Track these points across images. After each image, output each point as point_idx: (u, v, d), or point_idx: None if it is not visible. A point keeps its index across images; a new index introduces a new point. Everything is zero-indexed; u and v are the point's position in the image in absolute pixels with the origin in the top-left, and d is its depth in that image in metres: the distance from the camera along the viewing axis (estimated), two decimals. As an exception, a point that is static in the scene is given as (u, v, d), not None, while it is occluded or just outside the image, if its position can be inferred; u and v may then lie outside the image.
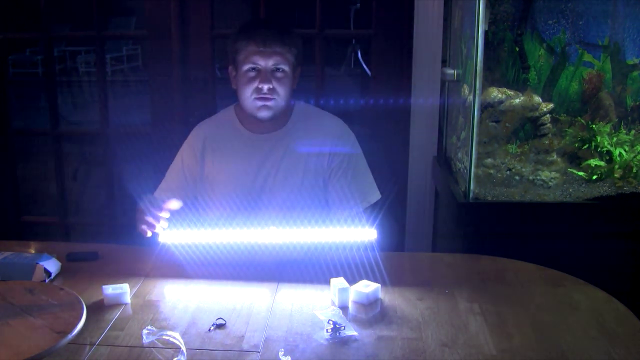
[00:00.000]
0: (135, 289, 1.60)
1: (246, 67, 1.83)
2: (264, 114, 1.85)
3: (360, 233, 1.68)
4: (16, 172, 2.90)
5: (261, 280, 1.66)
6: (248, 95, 1.84)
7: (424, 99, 2.56)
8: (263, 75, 1.82)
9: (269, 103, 1.83)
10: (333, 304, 1.53)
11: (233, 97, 1.97)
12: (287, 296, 1.58)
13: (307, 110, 1.96)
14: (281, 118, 1.90)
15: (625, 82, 2.25)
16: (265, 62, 1.82)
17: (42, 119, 3.45)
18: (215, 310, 1.50)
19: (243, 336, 1.39)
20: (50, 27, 2.65)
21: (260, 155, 1.90)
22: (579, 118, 2.23)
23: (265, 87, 1.81)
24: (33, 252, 1.78)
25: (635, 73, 2.24)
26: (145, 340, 1.36)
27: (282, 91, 1.84)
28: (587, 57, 2.25)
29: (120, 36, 9.07)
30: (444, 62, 2.52)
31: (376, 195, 1.98)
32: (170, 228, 1.69)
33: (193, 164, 1.94)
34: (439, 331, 1.41)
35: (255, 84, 1.82)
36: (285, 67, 1.84)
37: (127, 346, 1.35)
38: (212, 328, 1.42)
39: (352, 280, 1.57)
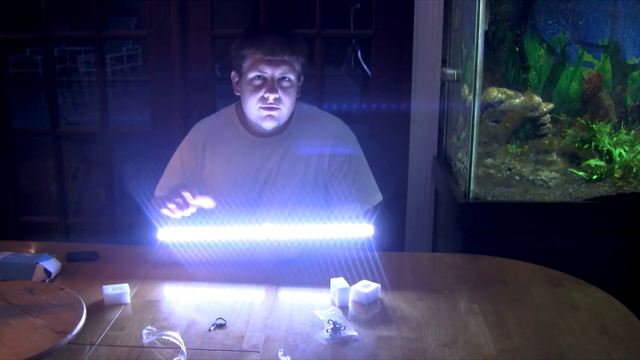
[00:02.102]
0: (135, 289, 1.60)
1: (252, 74, 1.79)
2: (268, 123, 1.83)
3: (357, 229, 1.68)
4: (16, 172, 2.90)
5: (261, 280, 1.65)
6: (253, 104, 1.81)
7: (424, 99, 2.56)
8: (269, 84, 1.78)
9: (273, 113, 1.81)
10: (333, 304, 1.53)
11: (233, 97, 1.96)
12: (287, 296, 1.58)
13: (307, 111, 1.95)
14: (283, 123, 1.89)
15: (625, 82, 2.25)
16: (273, 71, 1.78)
17: (42, 119, 3.45)
18: (215, 310, 1.50)
19: (243, 336, 1.39)
20: (50, 27, 2.65)
21: (261, 157, 1.89)
22: (579, 118, 2.23)
23: (272, 97, 1.78)
24: (33, 252, 1.78)
25: (635, 73, 2.24)
26: (145, 340, 1.36)
27: (287, 101, 1.81)
28: (587, 57, 2.25)
29: (120, 36, 9.08)
30: (444, 62, 2.52)
31: (377, 198, 1.96)
32: (168, 225, 1.69)
33: (192, 162, 1.93)
34: (439, 331, 1.41)
35: (260, 93, 1.79)
36: (292, 77, 1.81)
37: (127, 346, 1.35)
38: (212, 328, 1.42)
39: (352, 280, 1.57)
